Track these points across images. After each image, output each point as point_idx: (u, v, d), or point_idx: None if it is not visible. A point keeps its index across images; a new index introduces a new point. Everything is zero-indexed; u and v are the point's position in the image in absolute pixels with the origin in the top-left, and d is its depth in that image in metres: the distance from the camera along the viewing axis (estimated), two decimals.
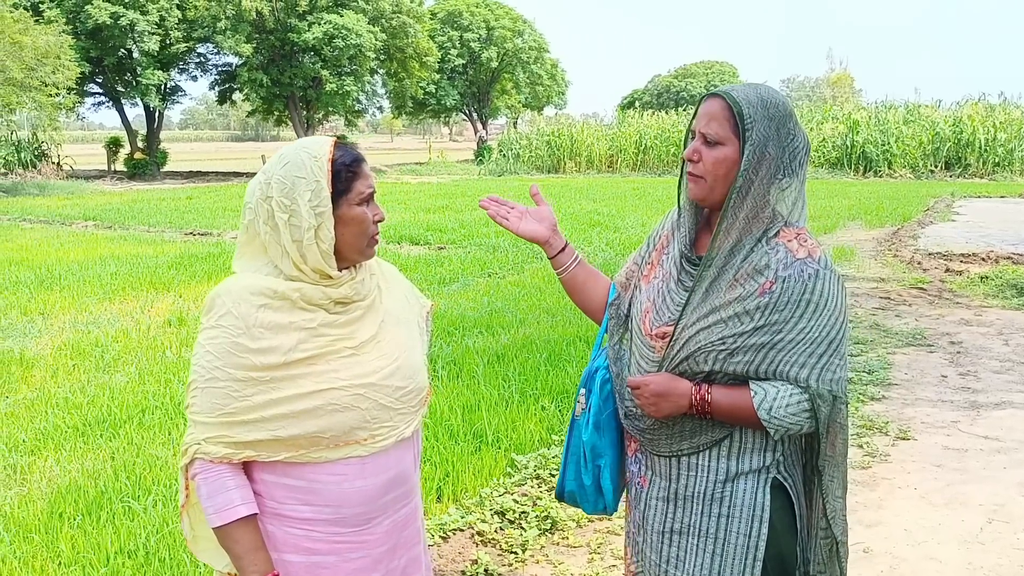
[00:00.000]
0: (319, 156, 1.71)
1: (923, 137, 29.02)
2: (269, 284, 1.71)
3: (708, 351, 1.81)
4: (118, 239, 13.95)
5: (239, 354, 1.66)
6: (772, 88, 1.87)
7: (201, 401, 1.69)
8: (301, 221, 1.69)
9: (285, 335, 1.68)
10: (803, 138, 1.84)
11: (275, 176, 1.72)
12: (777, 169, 1.80)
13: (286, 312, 1.70)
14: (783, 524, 1.90)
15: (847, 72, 63.08)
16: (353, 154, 1.76)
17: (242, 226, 1.79)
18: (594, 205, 18.27)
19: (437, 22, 45.00)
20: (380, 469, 1.78)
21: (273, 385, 1.67)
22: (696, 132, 1.86)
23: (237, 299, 1.69)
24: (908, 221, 15.09)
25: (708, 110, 1.83)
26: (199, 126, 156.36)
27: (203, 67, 38.63)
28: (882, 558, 3.51)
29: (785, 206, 1.83)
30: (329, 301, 1.74)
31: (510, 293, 8.54)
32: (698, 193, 1.87)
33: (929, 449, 4.66)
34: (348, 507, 1.75)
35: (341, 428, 1.71)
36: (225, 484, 1.69)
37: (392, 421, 1.79)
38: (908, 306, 8.30)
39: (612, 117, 41.08)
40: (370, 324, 1.81)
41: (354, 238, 1.75)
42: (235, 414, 1.67)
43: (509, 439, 4.56)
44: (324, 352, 1.71)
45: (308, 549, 1.75)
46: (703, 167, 1.83)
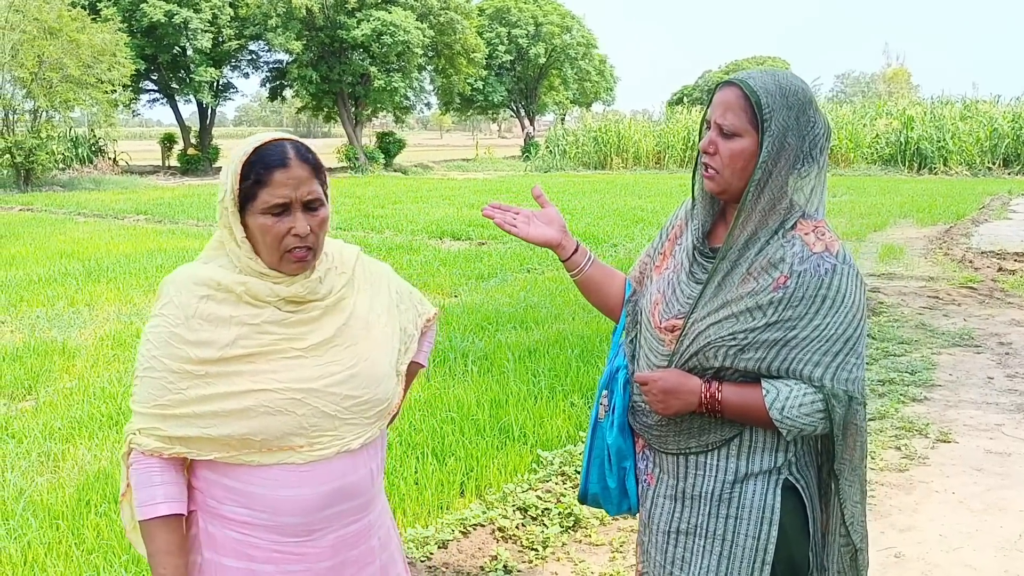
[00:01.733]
0: (238, 155, 1.63)
1: (980, 133, 28.26)
2: (214, 275, 1.65)
3: (718, 346, 1.75)
4: (167, 233, 14.21)
5: (176, 345, 1.61)
6: (791, 73, 1.79)
7: (139, 390, 1.65)
8: (222, 215, 1.65)
9: (224, 329, 1.62)
10: (823, 124, 1.76)
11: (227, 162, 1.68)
12: (796, 159, 1.73)
13: (229, 305, 1.64)
14: (794, 527, 1.83)
15: (904, 67, 61.80)
16: (277, 159, 1.62)
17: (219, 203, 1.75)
18: (639, 201, 18.14)
19: (485, 18, 45.00)
20: (320, 480, 1.67)
21: (207, 380, 1.61)
22: (712, 122, 1.79)
23: (180, 288, 1.65)
24: (961, 219, 14.71)
25: (724, 99, 1.76)
26: (253, 123, 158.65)
27: (255, 64, 39.17)
28: (914, 564, 3.40)
29: (803, 196, 1.76)
30: (278, 298, 1.66)
31: (547, 289, 8.49)
32: (715, 187, 1.80)
33: (970, 452, 4.51)
34: (284, 515, 1.66)
35: (273, 432, 1.62)
36: (152, 479, 1.64)
37: (337, 431, 1.68)
38: (957, 305, 8.06)
39: (661, 113, 40.69)
40: (328, 326, 1.70)
41: (263, 249, 1.64)
42: (168, 407, 1.62)
43: (536, 435, 4.52)
44: (265, 351, 1.64)
45: (247, 555, 1.67)
46: (719, 160, 1.77)
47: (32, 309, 7.97)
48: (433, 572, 3.34)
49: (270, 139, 1.66)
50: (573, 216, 15.11)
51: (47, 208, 19.23)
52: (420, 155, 45.85)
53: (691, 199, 1.94)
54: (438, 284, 8.99)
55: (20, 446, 4.49)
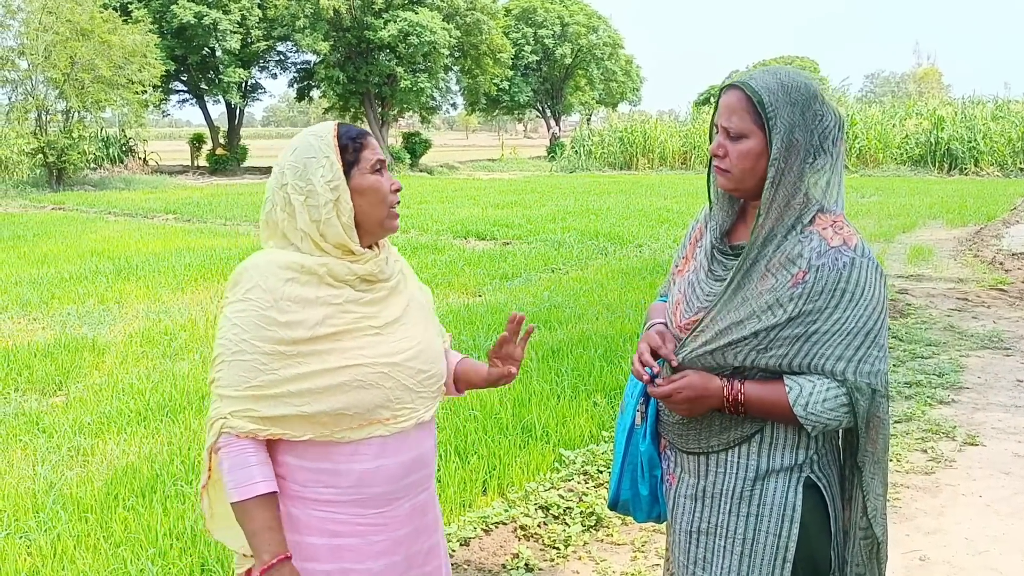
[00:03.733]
0: (324, 135, 1.76)
1: (1013, 134, 27.87)
2: (296, 259, 1.73)
3: (739, 348, 1.75)
4: (195, 232, 14.36)
5: (267, 327, 1.68)
6: (793, 69, 1.80)
7: (227, 374, 1.70)
8: (318, 199, 1.72)
9: (312, 309, 1.70)
10: (833, 116, 1.76)
11: (287, 164, 1.76)
12: (807, 154, 1.74)
13: (313, 287, 1.72)
14: (816, 525, 1.83)
15: (934, 67, 61.09)
16: (357, 129, 1.80)
17: (261, 222, 1.82)
18: (664, 202, 18.08)
19: (511, 19, 45.02)
20: (401, 449, 1.79)
21: (300, 360, 1.68)
22: (719, 126, 1.81)
23: (265, 273, 1.71)
24: (992, 220, 14.53)
25: (728, 103, 1.78)
26: (281, 123, 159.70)
27: (283, 65, 39.50)
28: (940, 567, 3.36)
29: (819, 189, 1.77)
30: (355, 277, 1.76)
31: (571, 288, 8.49)
32: (728, 184, 1.82)
33: (998, 456, 4.46)
34: (370, 487, 1.76)
35: (365, 406, 1.72)
36: (247, 460, 1.69)
37: (413, 403, 1.80)
38: (986, 308, 7.96)
39: (687, 113, 40.50)
40: (395, 306, 1.83)
41: (372, 207, 1.77)
42: (262, 387, 1.67)
43: (558, 434, 4.52)
44: (350, 329, 1.73)
45: (331, 531, 1.75)
46: (729, 162, 1.78)
47: (63, 306, 8.10)
48: (455, 569, 3.35)
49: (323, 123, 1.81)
50: (598, 216, 15.09)
51: (78, 207, 19.51)
52: (446, 155, 45.95)
53: (708, 203, 1.95)
54: (462, 283, 9.02)
55: (51, 440, 4.57)
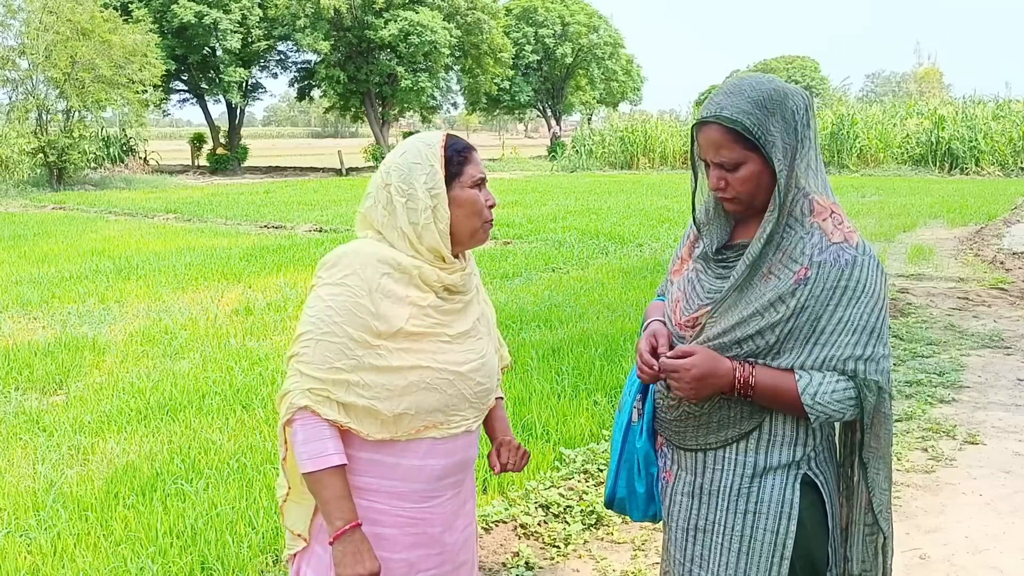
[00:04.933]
0: (432, 144, 1.85)
1: (1014, 133, 27.82)
2: (393, 255, 1.80)
3: (745, 347, 1.76)
4: (195, 231, 14.37)
5: (360, 314, 1.74)
6: (753, 78, 1.79)
7: (314, 352, 1.74)
8: (418, 203, 1.80)
9: (400, 307, 1.77)
10: (800, 99, 1.77)
11: (393, 164, 1.85)
12: (796, 149, 1.75)
13: (403, 286, 1.79)
14: (813, 522, 1.83)
15: (935, 66, 61.07)
16: (464, 143, 1.89)
17: (359, 214, 1.90)
18: (665, 201, 18.08)
19: (512, 18, 45.02)
20: (448, 453, 1.86)
21: (380, 352, 1.75)
22: (709, 163, 1.79)
23: (364, 262, 1.77)
24: (993, 220, 14.52)
25: (710, 140, 1.76)
26: (281, 123, 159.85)
27: (283, 64, 39.55)
28: (939, 565, 3.36)
29: (802, 173, 1.78)
30: (441, 285, 1.84)
31: (572, 288, 8.49)
32: (738, 209, 1.83)
33: (998, 455, 4.46)
34: (413, 483, 1.84)
35: (424, 408, 1.79)
36: (322, 432, 1.74)
37: (465, 412, 1.88)
38: (987, 307, 7.96)
39: (688, 113, 40.50)
40: (467, 319, 1.90)
41: (467, 218, 1.85)
42: (343, 371, 1.73)
43: (558, 433, 4.52)
44: (427, 332, 1.80)
45: (371, 520, 1.81)
46: (733, 190, 1.78)
47: (64, 305, 8.10)
48: None
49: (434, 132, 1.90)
50: (599, 216, 15.10)
51: (79, 207, 19.53)
52: None
53: (704, 207, 1.92)
54: None
55: (51, 439, 4.57)
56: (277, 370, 5.66)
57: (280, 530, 3.42)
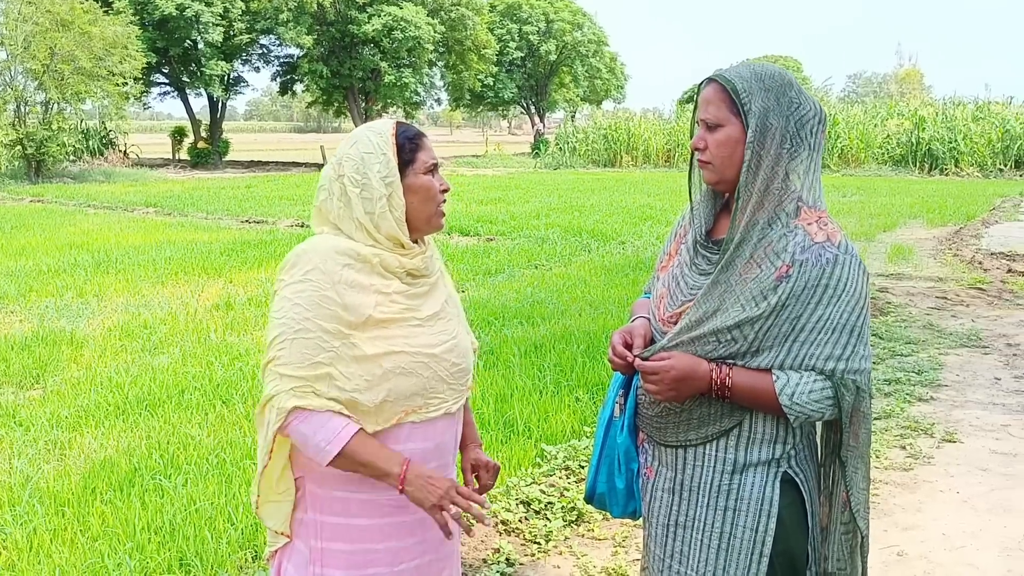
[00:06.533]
0: (383, 133, 1.85)
1: (992, 135, 28.08)
2: (352, 246, 1.80)
3: (724, 342, 1.76)
4: (176, 225, 14.26)
5: (328, 306, 1.74)
6: (766, 63, 1.84)
7: (290, 352, 1.73)
8: (373, 192, 1.81)
9: (366, 295, 1.78)
10: (811, 106, 1.78)
11: (345, 156, 1.85)
12: (783, 139, 1.75)
13: (366, 274, 1.80)
14: (793, 520, 1.84)
15: (916, 68, 61.54)
16: (414, 130, 1.90)
17: (315, 208, 1.89)
18: (648, 199, 18.12)
19: (496, 15, 45.00)
20: (426, 437, 1.86)
21: (354, 342, 1.75)
22: (699, 121, 1.84)
23: (324, 256, 1.77)
24: (972, 220, 14.64)
25: (704, 96, 1.83)
26: (263, 117, 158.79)
27: (265, 58, 39.29)
28: (917, 562, 3.39)
29: (797, 177, 1.78)
30: (403, 270, 1.84)
31: (554, 285, 8.49)
32: (710, 177, 1.85)
33: (976, 453, 4.50)
34: None
35: (402, 393, 1.79)
36: (328, 416, 1.73)
37: (444, 395, 1.88)
38: (965, 306, 8.03)
39: (671, 111, 40.59)
40: (434, 301, 1.91)
41: (422, 204, 1.86)
42: (323, 365, 1.73)
43: (540, 429, 4.52)
44: (396, 318, 1.81)
45: (353, 512, 1.82)
46: (709, 153, 1.81)
47: (41, 299, 8.02)
48: None
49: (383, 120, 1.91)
50: (582, 213, 15.10)
51: (57, 199, 19.33)
52: None
53: (690, 202, 1.96)
54: None
55: (27, 434, 4.52)
56: (257, 365, 5.63)
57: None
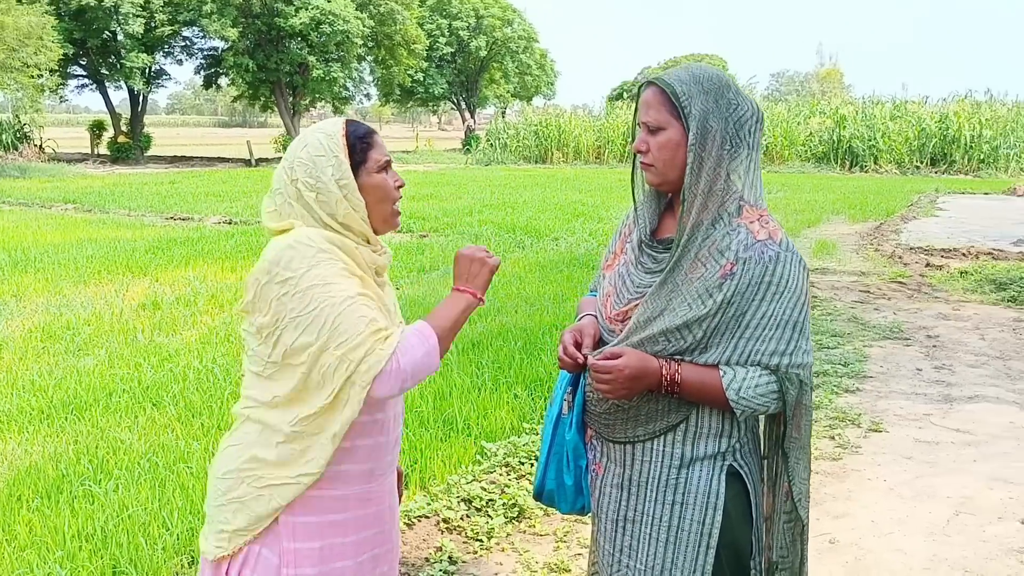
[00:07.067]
0: (333, 134, 1.82)
1: (909, 133, 29.12)
2: (335, 236, 1.78)
3: (673, 341, 1.79)
4: (97, 223, 13.82)
5: (353, 272, 1.75)
6: (705, 65, 1.88)
7: (348, 322, 1.65)
8: (329, 196, 1.78)
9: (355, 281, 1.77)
10: (749, 106, 1.82)
11: (296, 160, 1.81)
12: (724, 140, 1.79)
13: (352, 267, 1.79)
14: (738, 512, 1.88)
15: (837, 67, 63.31)
16: (364, 127, 1.88)
17: (270, 211, 1.85)
18: (580, 196, 18.25)
19: (426, 9, 44.73)
20: (391, 429, 1.91)
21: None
22: (640, 124, 1.87)
23: (317, 242, 1.73)
24: (891, 216, 15.14)
25: (645, 100, 1.85)
26: (186, 111, 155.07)
27: (189, 51, 38.29)
28: (848, 549, 3.50)
29: (738, 177, 1.82)
30: (373, 267, 1.86)
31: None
32: (653, 179, 1.88)
33: (900, 441, 4.66)
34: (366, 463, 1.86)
35: None
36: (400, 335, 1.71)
37: None
38: (887, 300, 8.31)
39: (601, 108, 40.92)
40: (390, 297, 1.95)
41: (379, 204, 1.85)
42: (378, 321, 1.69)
43: (479, 426, 4.52)
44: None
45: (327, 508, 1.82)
46: (652, 155, 1.84)
47: None
48: None
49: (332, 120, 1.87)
50: (515, 210, 15.14)
51: None
52: None
53: (633, 203, 1.99)
54: None
55: None
56: (189, 366, 5.50)
57: (196, 530, 3.33)
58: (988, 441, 4.65)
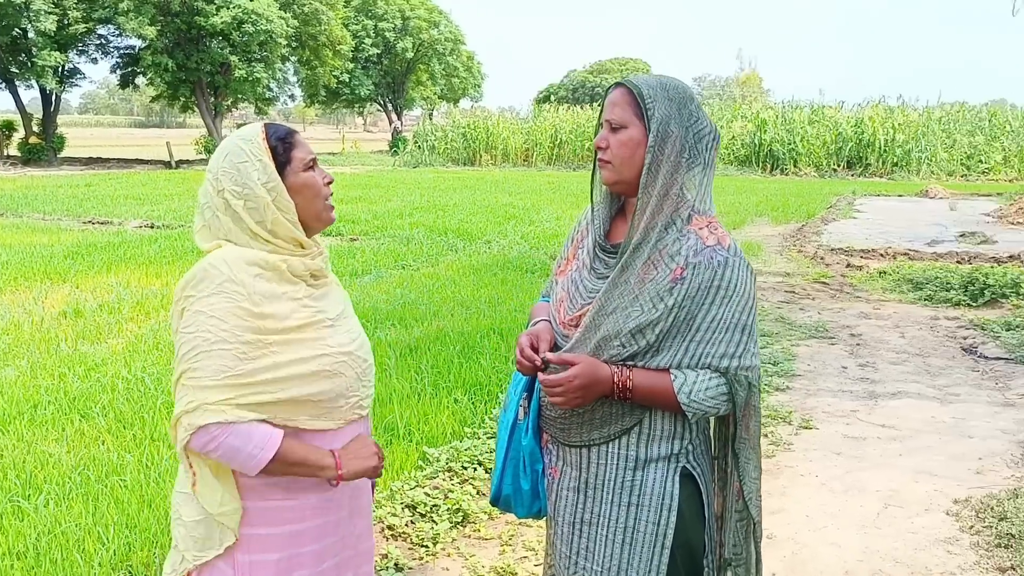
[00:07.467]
0: (253, 138, 1.80)
1: (827, 137, 30.04)
2: (259, 255, 1.76)
3: (626, 345, 1.82)
4: (10, 227, 13.30)
5: (246, 318, 1.70)
6: (673, 76, 1.93)
7: (208, 364, 1.67)
8: (258, 202, 1.76)
9: (280, 303, 1.75)
10: (708, 124, 1.88)
11: (220, 170, 1.79)
12: (682, 149, 1.84)
13: (277, 283, 1.77)
14: (691, 512, 1.92)
15: (755, 72, 64.79)
16: (284, 128, 1.86)
17: (199, 227, 1.83)
18: (510, 198, 18.30)
19: (351, 10, 44.28)
20: (347, 435, 1.87)
21: (275, 349, 1.72)
22: (604, 122, 1.91)
23: (234, 268, 1.72)
24: (812, 218, 15.58)
25: (611, 99, 1.90)
26: (100, 111, 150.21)
27: (104, 49, 37.06)
28: (785, 544, 3.59)
29: (692, 187, 1.87)
30: (308, 273, 1.83)
31: (424, 285, 8.46)
32: (609, 177, 1.91)
33: (830, 438, 4.81)
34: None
35: (330, 393, 1.79)
36: (252, 424, 1.69)
37: (359, 392, 1.89)
38: (811, 300, 8.56)
39: (528, 111, 41.14)
40: (336, 301, 1.92)
41: (310, 202, 1.82)
42: (244, 376, 1.68)
43: (421, 432, 4.51)
44: (312, 322, 1.80)
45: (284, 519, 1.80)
46: (611, 152, 1.88)
47: None
48: None
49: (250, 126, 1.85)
50: (445, 212, 15.11)
51: None
52: None
53: (591, 205, 2.02)
54: None
55: None
56: (117, 375, 5.34)
57: (134, 544, 3.25)
58: (912, 436, 4.83)
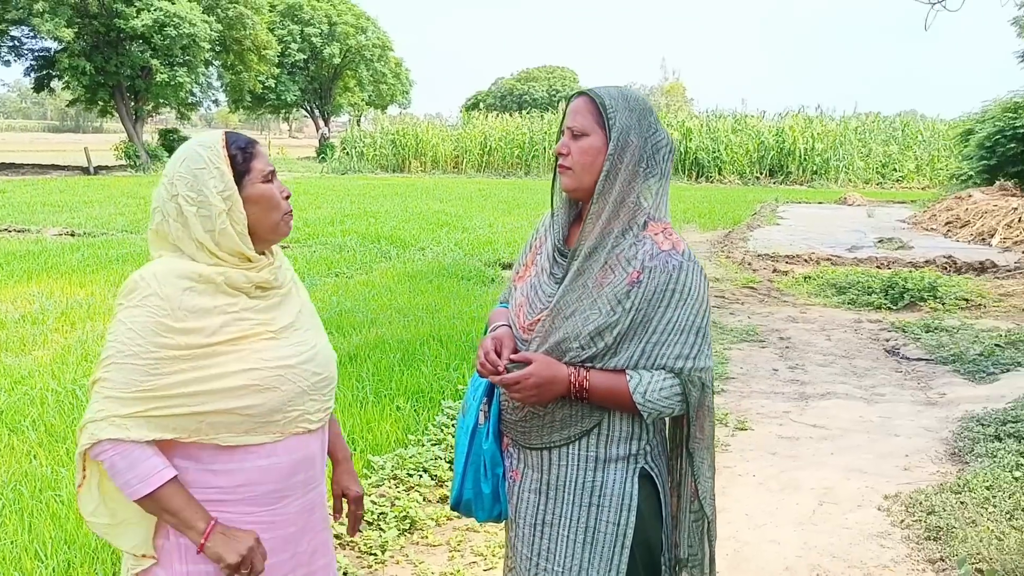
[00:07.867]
0: (213, 146, 1.78)
1: (750, 145, 30.88)
2: (194, 268, 1.74)
3: (584, 347, 1.86)
4: None
5: (162, 333, 1.68)
6: (633, 89, 2.00)
7: (117, 376, 1.68)
8: (211, 210, 1.74)
9: (209, 318, 1.72)
10: (665, 136, 1.95)
11: (176, 175, 1.77)
12: (640, 158, 1.90)
13: (210, 296, 1.74)
14: (650, 512, 1.97)
15: (680, 81, 66.12)
16: (245, 138, 1.84)
17: (151, 231, 1.81)
18: (441, 205, 18.29)
19: (277, 15, 43.63)
20: (291, 449, 1.83)
21: (195, 363, 1.70)
22: (566, 128, 1.95)
23: (163, 281, 1.71)
24: (738, 224, 15.97)
25: (574, 107, 1.95)
26: (11, 115, 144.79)
27: (17, 51, 35.78)
28: (727, 542, 3.69)
29: (649, 196, 1.93)
30: (250, 285, 1.80)
31: (359, 293, 8.40)
32: (569, 183, 1.95)
33: (765, 438, 4.95)
34: (260, 485, 1.80)
35: (260, 409, 1.75)
36: (144, 453, 1.69)
37: (305, 406, 1.85)
38: (741, 304, 8.78)
39: (456, 118, 41.16)
40: (288, 312, 1.88)
41: (266, 214, 1.81)
42: (153, 391, 1.67)
43: (365, 440, 4.49)
44: (247, 335, 1.76)
45: None
46: (571, 159, 1.92)
47: None
48: None
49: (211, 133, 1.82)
50: (377, 219, 15.01)
51: None
52: None
53: (551, 210, 2.06)
54: None
55: None
56: (46, 388, 5.17)
57: (73, 560, 3.16)
58: (842, 435, 5.01)
